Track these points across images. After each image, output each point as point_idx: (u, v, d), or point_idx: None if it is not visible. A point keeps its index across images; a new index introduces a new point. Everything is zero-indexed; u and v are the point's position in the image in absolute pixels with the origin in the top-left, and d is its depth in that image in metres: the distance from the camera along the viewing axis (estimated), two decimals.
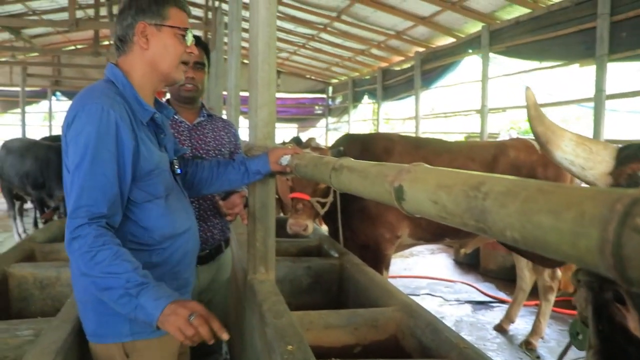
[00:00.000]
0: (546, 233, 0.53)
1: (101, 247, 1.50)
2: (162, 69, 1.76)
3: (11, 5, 11.17)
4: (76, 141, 1.57)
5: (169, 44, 1.74)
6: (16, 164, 7.32)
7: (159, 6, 1.73)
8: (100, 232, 1.53)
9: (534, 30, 7.07)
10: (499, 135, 9.20)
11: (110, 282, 1.48)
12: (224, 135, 2.66)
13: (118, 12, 1.81)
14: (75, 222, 1.52)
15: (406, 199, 0.87)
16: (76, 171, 1.56)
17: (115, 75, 1.72)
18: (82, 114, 1.57)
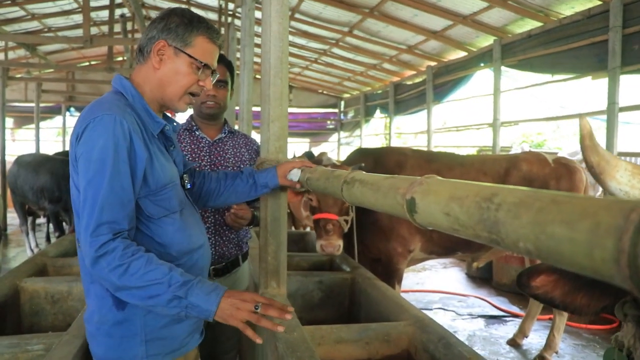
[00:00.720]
0: (560, 244, 0.52)
1: (132, 257, 1.45)
2: (166, 94, 1.70)
3: (27, 22, 11.36)
4: (89, 155, 1.48)
5: (181, 72, 1.67)
6: (30, 179, 7.37)
7: (186, 30, 1.67)
8: (127, 243, 1.48)
9: (546, 43, 7.07)
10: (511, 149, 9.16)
11: (152, 290, 1.45)
12: (245, 152, 2.66)
13: (150, 22, 1.75)
14: (99, 240, 1.45)
15: (418, 211, 0.87)
16: (91, 186, 1.47)
17: (124, 86, 1.68)
18: (94, 126, 1.49)
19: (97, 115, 1.50)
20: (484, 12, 7.68)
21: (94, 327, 1.64)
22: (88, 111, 1.56)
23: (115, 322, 1.59)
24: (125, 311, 1.59)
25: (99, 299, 1.60)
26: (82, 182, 1.50)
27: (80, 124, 1.53)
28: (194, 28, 1.68)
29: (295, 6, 9.81)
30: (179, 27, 1.66)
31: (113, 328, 1.60)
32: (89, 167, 1.48)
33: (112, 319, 1.59)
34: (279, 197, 2.37)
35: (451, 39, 9.23)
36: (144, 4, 12.20)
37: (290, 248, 4.68)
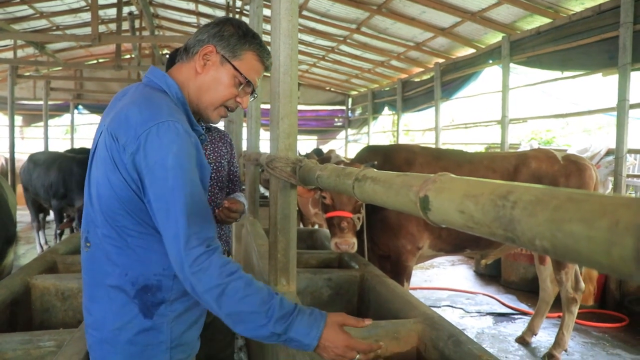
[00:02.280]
0: (578, 242, 0.52)
1: (229, 277, 1.37)
2: (202, 101, 1.64)
3: (36, 20, 11.42)
4: (164, 162, 1.38)
5: (222, 82, 1.62)
6: (42, 176, 7.51)
7: (239, 42, 1.61)
8: (223, 259, 1.39)
9: (555, 40, 7.03)
10: (520, 146, 9.12)
11: (251, 319, 1.38)
12: (222, 146, 2.68)
13: (204, 25, 1.70)
14: (192, 254, 1.36)
15: (432, 209, 0.87)
16: (172, 195, 1.38)
17: (169, 86, 1.60)
18: (162, 132, 1.40)
19: (161, 121, 1.41)
20: (492, 8, 7.65)
21: (107, 333, 1.54)
22: (144, 113, 1.44)
23: (141, 330, 1.52)
24: (154, 319, 1.53)
25: (122, 306, 1.52)
26: (160, 190, 1.39)
27: (140, 127, 1.41)
28: (246, 42, 1.63)
29: (303, 3, 9.80)
30: (232, 37, 1.61)
31: (138, 336, 1.53)
32: (166, 174, 1.39)
33: (137, 327, 1.52)
34: (288, 195, 2.38)
35: (459, 35, 9.20)
36: (151, 1, 12.21)
37: (299, 245, 4.68)
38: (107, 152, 1.47)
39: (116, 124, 1.47)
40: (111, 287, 1.53)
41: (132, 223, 1.49)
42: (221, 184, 2.61)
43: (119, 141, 1.44)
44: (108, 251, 1.52)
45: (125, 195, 1.46)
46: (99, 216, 1.51)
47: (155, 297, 1.53)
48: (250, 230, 4.13)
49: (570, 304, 4.39)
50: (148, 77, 1.64)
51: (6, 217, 3.91)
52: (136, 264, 1.51)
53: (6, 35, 9.00)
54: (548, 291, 4.73)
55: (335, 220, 3.36)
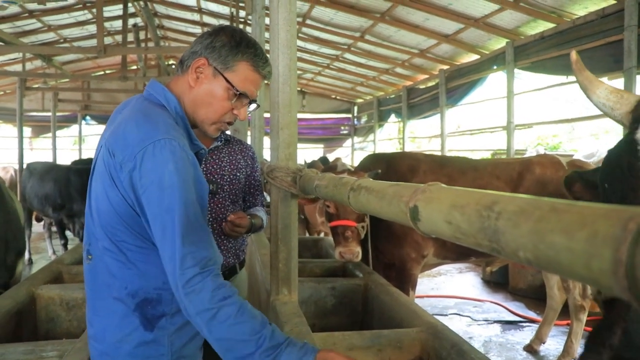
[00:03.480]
0: (559, 254, 0.51)
1: (221, 302, 1.34)
2: (198, 115, 1.61)
3: (44, 34, 11.54)
4: (160, 181, 1.36)
5: (216, 95, 1.57)
6: (36, 186, 7.59)
7: (231, 53, 1.56)
8: (217, 283, 1.36)
9: (559, 44, 7.02)
10: (526, 152, 9.09)
11: (239, 347, 1.35)
12: (241, 159, 2.62)
13: (200, 35, 1.66)
14: (186, 275, 1.34)
15: (421, 219, 0.86)
16: (167, 216, 1.36)
17: (168, 100, 1.56)
18: (157, 151, 1.37)
19: (157, 139, 1.39)
20: (495, 14, 7.65)
21: (107, 346, 1.53)
22: (141, 130, 1.42)
23: (141, 343, 1.51)
24: (155, 332, 1.52)
25: (123, 318, 1.51)
26: (157, 211, 1.38)
27: (136, 145, 1.39)
28: (239, 52, 1.57)
29: (307, 12, 9.83)
30: (224, 47, 1.56)
31: (138, 348, 1.51)
32: (162, 194, 1.36)
33: (138, 339, 1.51)
34: (289, 205, 2.37)
35: (463, 42, 9.20)
36: (156, 13, 12.30)
37: (304, 254, 4.68)
38: (105, 167, 1.46)
39: (113, 140, 1.45)
40: (112, 299, 1.52)
41: (131, 238, 1.48)
42: (234, 197, 2.57)
43: (115, 158, 1.42)
44: (108, 264, 1.51)
45: (123, 210, 1.45)
46: (99, 230, 1.51)
47: (156, 310, 1.52)
48: (255, 239, 4.12)
49: (578, 312, 4.36)
50: (148, 91, 1.60)
51: (17, 229, 3.94)
52: (136, 277, 1.50)
53: (15, 49, 9.08)
54: (556, 299, 4.69)
55: (340, 229, 3.36)
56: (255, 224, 2.51)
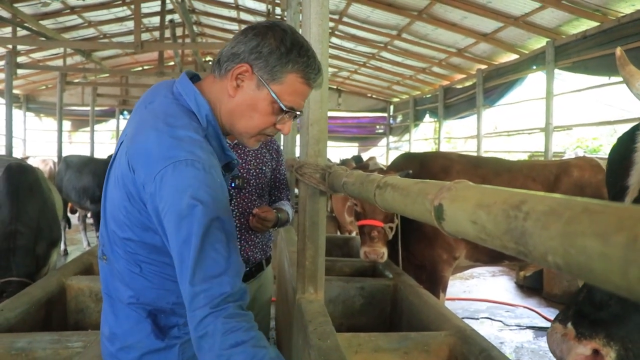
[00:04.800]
0: (591, 259, 0.46)
1: (233, 348, 1.20)
2: (235, 127, 1.44)
3: (84, 29, 11.78)
4: (178, 212, 1.23)
5: (259, 109, 1.39)
6: (73, 179, 7.74)
7: (279, 62, 1.36)
8: (229, 326, 1.22)
9: (602, 44, 6.80)
10: (564, 154, 8.86)
11: None
12: (266, 153, 2.61)
13: (243, 29, 1.44)
14: (197, 316, 1.22)
15: (446, 218, 0.81)
16: (184, 248, 1.23)
17: (199, 106, 1.41)
18: (176, 175, 1.24)
19: (179, 160, 1.25)
20: (536, 12, 7.47)
21: (117, 350, 1.49)
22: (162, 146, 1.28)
23: (152, 350, 1.45)
24: (166, 340, 1.46)
25: (136, 324, 1.45)
26: (174, 240, 1.26)
27: (156, 164, 1.26)
28: (289, 61, 1.36)
29: (343, 10, 9.79)
30: (272, 54, 1.35)
31: (148, 355, 1.46)
32: (180, 224, 1.24)
33: (149, 346, 1.45)
34: (317, 202, 2.34)
35: (502, 41, 9.02)
36: (193, 9, 12.42)
37: (334, 253, 4.65)
38: (122, 179, 1.36)
39: (134, 152, 1.33)
40: (125, 304, 1.47)
41: (146, 251, 1.40)
42: (260, 191, 2.57)
43: (136, 175, 1.31)
44: (122, 272, 1.45)
45: (138, 226, 1.37)
46: (113, 236, 1.43)
47: (169, 320, 1.47)
48: (284, 237, 4.11)
49: None
50: (177, 89, 1.45)
51: (52, 220, 4.02)
52: (149, 290, 1.43)
53: (56, 44, 9.30)
54: None
55: (366, 228, 3.31)
56: (282, 218, 2.49)
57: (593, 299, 1.07)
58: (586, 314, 1.07)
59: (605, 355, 1.02)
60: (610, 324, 1.03)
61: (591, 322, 1.05)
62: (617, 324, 1.02)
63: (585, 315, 1.06)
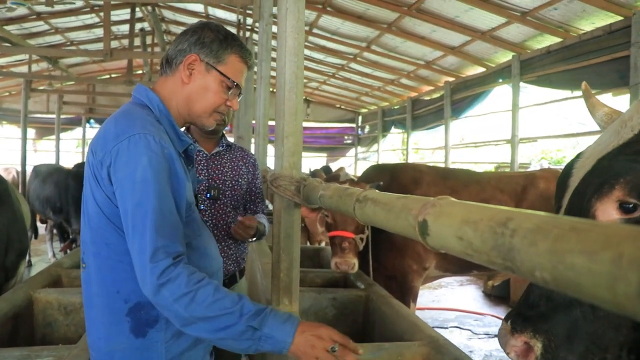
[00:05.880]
0: (580, 275, 0.49)
1: (198, 284, 1.35)
2: (193, 110, 1.63)
3: (50, 36, 11.57)
4: (132, 175, 1.37)
5: (211, 89, 1.61)
6: (38, 188, 7.61)
7: (220, 47, 1.61)
8: (190, 269, 1.37)
9: (565, 59, 7.01)
10: (529, 166, 9.06)
11: (223, 321, 1.35)
12: (242, 166, 2.61)
13: (181, 32, 1.68)
14: (159, 266, 1.33)
15: (430, 234, 0.83)
16: (140, 208, 1.36)
17: (150, 99, 1.58)
18: (132, 145, 1.39)
19: (132, 134, 1.41)
20: (502, 27, 7.65)
21: (103, 355, 1.52)
22: (118, 127, 1.45)
23: (134, 350, 1.48)
24: (147, 338, 1.49)
25: (114, 326, 1.49)
26: (129, 205, 1.38)
27: (112, 141, 1.42)
28: (228, 45, 1.63)
29: (314, 21, 9.85)
30: (214, 42, 1.61)
31: (132, 356, 1.49)
32: (134, 188, 1.38)
33: (131, 346, 1.48)
34: (292, 214, 2.34)
35: (469, 54, 9.20)
36: (163, 18, 12.34)
37: (305, 264, 4.64)
38: (90, 169, 1.49)
39: (95, 140, 1.50)
40: (104, 307, 1.50)
41: (120, 240, 1.45)
42: (235, 202, 2.56)
43: (96, 156, 1.45)
44: (100, 269, 1.49)
45: (109, 210, 1.46)
46: (90, 234, 1.50)
47: (149, 314, 1.49)
48: (256, 248, 4.09)
49: None
50: (133, 95, 1.63)
51: (21, 230, 3.93)
52: (127, 281, 1.47)
53: (21, 50, 9.09)
54: None
55: (337, 239, 3.32)
56: (260, 229, 2.49)
57: (528, 300, 1.28)
58: (521, 313, 1.27)
59: (533, 346, 1.22)
60: (538, 321, 1.22)
61: (524, 319, 1.25)
62: (543, 321, 1.22)
63: (521, 314, 1.27)
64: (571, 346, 1.19)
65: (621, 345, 1.17)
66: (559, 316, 1.21)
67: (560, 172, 1.48)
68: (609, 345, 1.17)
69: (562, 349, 1.19)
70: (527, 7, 6.87)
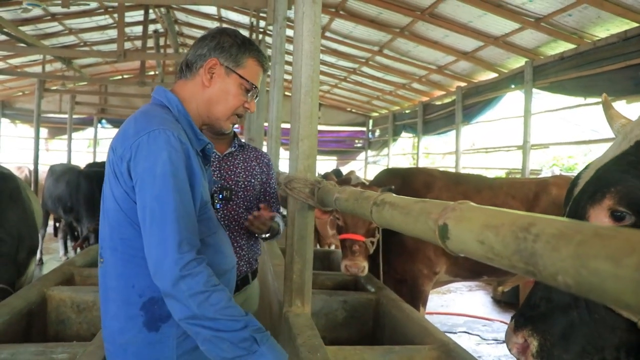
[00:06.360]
0: (604, 280, 0.50)
1: (214, 287, 1.41)
2: (213, 113, 1.69)
3: (64, 37, 11.66)
4: (153, 169, 1.42)
5: (231, 92, 1.68)
6: (51, 187, 7.68)
7: (239, 51, 1.69)
8: (210, 271, 1.43)
9: (579, 65, 6.97)
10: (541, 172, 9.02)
11: (229, 325, 1.40)
12: (255, 166, 2.59)
13: (200, 37, 1.76)
14: (184, 258, 1.39)
15: (451, 237, 0.85)
16: (160, 201, 1.41)
17: (169, 100, 1.64)
18: (152, 140, 1.44)
19: (152, 129, 1.46)
20: (515, 33, 7.63)
21: (117, 348, 1.57)
22: (138, 124, 1.51)
23: (147, 344, 1.53)
24: (159, 333, 1.53)
25: (128, 320, 1.54)
26: (148, 197, 1.43)
27: (132, 137, 1.47)
28: (246, 50, 1.71)
29: (326, 25, 9.87)
30: (232, 47, 1.68)
31: (144, 349, 1.53)
32: (154, 182, 1.42)
33: (143, 340, 1.53)
34: (306, 216, 2.36)
35: (482, 59, 9.18)
36: (176, 20, 12.41)
37: (315, 266, 4.64)
38: (110, 166, 1.54)
39: (115, 139, 1.56)
40: (119, 302, 1.55)
41: (135, 235, 1.50)
42: (248, 203, 2.54)
43: (116, 153, 1.51)
44: (116, 264, 1.54)
45: (127, 206, 1.50)
46: (108, 230, 1.55)
47: (162, 310, 1.52)
48: (267, 249, 4.11)
49: None
50: (152, 96, 1.69)
51: (32, 227, 3.97)
52: (142, 276, 1.51)
53: (36, 51, 9.19)
54: None
55: (348, 242, 3.33)
56: (273, 227, 2.47)
57: (530, 301, 1.37)
58: (524, 313, 1.36)
59: (530, 343, 1.31)
60: (537, 321, 1.31)
61: (526, 318, 1.34)
62: (542, 320, 1.31)
63: (523, 314, 1.36)
64: (566, 345, 1.26)
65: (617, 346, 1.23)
66: (556, 317, 1.29)
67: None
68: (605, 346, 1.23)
69: (557, 348, 1.27)
70: (541, 13, 6.85)
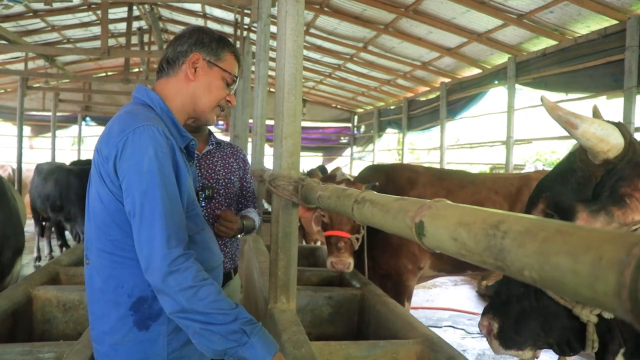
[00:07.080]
0: (564, 275, 0.53)
1: (203, 282, 1.43)
2: (199, 106, 1.73)
3: (47, 34, 11.55)
4: (139, 166, 1.43)
5: (214, 84, 1.74)
6: (39, 186, 7.61)
7: (219, 46, 1.76)
8: (198, 266, 1.45)
9: (560, 62, 7.06)
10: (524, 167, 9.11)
11: (218, 318, 1.42)
12: (233, 162, 2.61)
13: (176, 36, 1.81)
14: (173, 253, 1.40)
15: (427, 234, 0.88)
16: (147, 197, 1.42)
17: (151, 98, 1.65)
18: (137, 137, 1.45)
19: (137, 126, 1.47)
20: (498, 30, 7.70)
21: (107, 348, 1.57)
22: (123, 123, 1.51)
23: (137, 342, 1.54)
24: (150, 331, 1.54)
25: (118, 320, 1.54)
26: (136, 194, 1.43)
27: (117, 136, 1.47)
28: (225, 45, 1.79)
29: (311, 21, 9.88)
30: (212, 42, 1.76)
31: (135, 348, 1.54)
32: (141, 178, 1.43)
33: (134, 339, 1.54)
34: (290, 213, 2.39)
35: (466, 56, 9.25)
36: (160, 17, 12.35)
37: (301, 262, 4.66)
38: (95, 168, 1.55)
39: (100, 140, 1.56)
40: (107, 302, 1.55)
41: (123, 236, 1.51)
42: (230, 200, 2.56)
43: (102, 154, 1.51)
44: (104, 265, 1.54)
45: (113, 207, 1.50)
46: (95, 231, 1.55)
47: (152, 308, 1.54)
48: (253, 247, 4.13)
49: None
50: (134, 95, 1.71)
51: (17, 227, 3.95)
52: (130, 276, 1.53)
53: (18, 48, 9.08)
54: None
55: (333, 239, 3.36)
56: (247, 224, 2.49)
57: (497, 291, 1.63)
58: (492, 301, 1.64)
59: (492, 325, 1.57)
60: (499, 307, 1.57)
61: (491, 305, 1.62)
62: (502, 307, 1.56)
63: (491, 301, 1.64)
64: (519, 328, 1.51)
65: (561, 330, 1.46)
66: (513, 304, 1.53)
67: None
68: (551, 329, 1.47)
69: (510, 330, 1.53)
70: (524, 10, 6.93)
